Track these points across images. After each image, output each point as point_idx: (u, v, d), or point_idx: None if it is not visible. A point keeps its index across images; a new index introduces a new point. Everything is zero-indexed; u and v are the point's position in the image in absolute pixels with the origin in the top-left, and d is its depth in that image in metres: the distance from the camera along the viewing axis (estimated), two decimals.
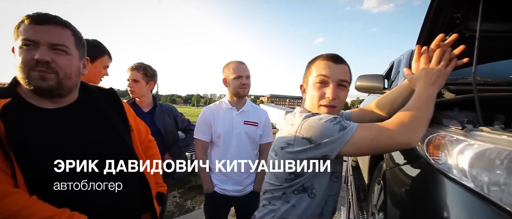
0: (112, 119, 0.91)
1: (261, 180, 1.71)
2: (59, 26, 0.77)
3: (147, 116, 1.78)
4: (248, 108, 1.69)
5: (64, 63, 0.77)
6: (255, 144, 1.70)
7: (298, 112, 0.89)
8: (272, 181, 0.91)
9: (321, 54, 0.95)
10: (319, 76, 0.89)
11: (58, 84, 0.77)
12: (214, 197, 1.66)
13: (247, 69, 1.64)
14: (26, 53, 0.72)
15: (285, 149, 0.85)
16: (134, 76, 1.73)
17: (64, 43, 0.77)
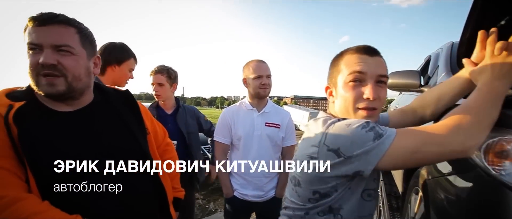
0: (127, 121, 0.89)
1: (283, 185, 1.62)
2: (62, 25, 0.73)
3: (170, 117, 1.78)
4: (269, 109, 1.60)
5: (70, 64, 0.73)
6: (277, 147, 1.60)
7: (322, 119, 0.75)
8: (293, 198, 0.79)
9: (349, 47, 0.79)
10: (353, 73, 0.73)
11: (68, 88, 0.74)
12: (233, 202, 1.60)
13: (268, 69, 1.55)
14: (32, 58, 0.70)
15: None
16: (158, 80, 1.72)
17: (68, 43, 0.73)
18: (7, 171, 0.66)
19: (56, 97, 0.75)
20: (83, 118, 0.80)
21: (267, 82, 1.53)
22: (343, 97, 0.75)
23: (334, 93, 0.80)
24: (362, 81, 0.73)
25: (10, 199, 0.63)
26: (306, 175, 0.73)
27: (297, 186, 0.77)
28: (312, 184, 0.72)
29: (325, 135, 0.68)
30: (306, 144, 0.75)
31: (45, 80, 0.71)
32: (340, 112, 0.78)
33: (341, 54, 0.79)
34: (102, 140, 0.81)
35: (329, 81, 0.83)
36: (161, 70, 1.73)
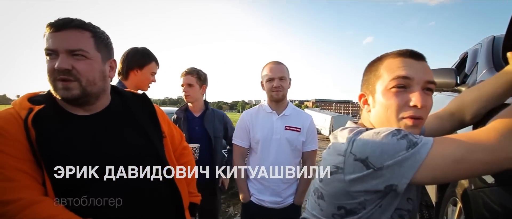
0: (144, 125, 0.88)
1: (302, 192, 1.55)
2: (76, 29, 0.73)
3: (198, 120, 1.77)
4: (289, 112, 1.53)
5: (85, 69, 0.74)
6: (297, 152, 1.53)
7: (349, 128, 0.68)
8: (315, 212, 0.72)
9: (389, 51, 0.71)
10: (397, 78, 0.64)
11: (82, 93, 0.75)
12: (250, 207, 1.54)
13: (282, 70, 1.48)
14: (49, 64, 0.72)
15: (334, 175, 0.65)
16: (188, 80, 1.73)
17: (82, 47, 0.73)
18: (24, 173, 0.67)
19: (71, 101, 0.76)
20: (99, 121, 0.81)
21: (279, 85, 1.46)
22: (384, 105, 0.66)
23: (370, 101, 0.71)
24: (407, 88, 0.64)
25: (25, 202, 0.63)
26: (330, 188, 0.65)
27: (320, 199, 0.69)
28: (337, 198, 0.65)
29: (352, 143, 0.61)
30: (331, 153, 0.68)
31: (61, 84, 0.72)
32: (379, 121, 0.68)
33: (379, 59, 0.71)
34: (118, 144, 0.81)
35: (364, 88, 0.74)
36: (191, 72, 1.75)
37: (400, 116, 0.63)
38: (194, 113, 1.79)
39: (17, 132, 0.68)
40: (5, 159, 0.65)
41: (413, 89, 0.63)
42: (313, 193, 0.75)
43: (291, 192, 1.54)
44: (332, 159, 0.66)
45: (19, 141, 0.68)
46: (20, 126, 0.69)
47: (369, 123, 0.72)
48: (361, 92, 0.75)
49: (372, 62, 0.73)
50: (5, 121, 0.69)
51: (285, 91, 1.48)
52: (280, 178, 1.48)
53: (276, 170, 1.46)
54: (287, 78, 1.49)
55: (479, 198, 0.80)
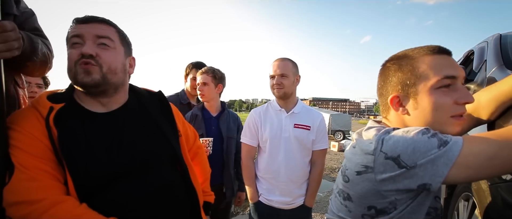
0: (160, 123, 0.88)
1: (313, 193, 1.54)
2: (103, 23, 0.77)
3: (214, 120, 1.75)
4: (299, 110, 1.53)
5: (108, 57, 0.76)
6: (306, 151, 1.52)
7: (375, 127, 0.67)
8: (342, 213, 0.71)
9: (418, 48, 0.68)
10: (447, 78, 0.61)
11: (103, 79, 0.75)
12: (258, 207, 1.53)
13: (284, 67, 1.46)
14: (73, 51, 0.73)
15: (363, 175, 0.63)
16: (203, 79, 1.73)
17: (109, 35, 0.77)
18: (47, 173, 0.66)
19: (91, 88, 0.75)
20: (118, 119, 0.81)
21: (279, 82, 1.45)
22: (433, 106, 0.63)
23: (408, 103, 0.67)
24: (453, 87, 0.63)
25: (49, 202, 0.63)
26: (359, 188, 0.65)
27: (347, 200, 0.69)
28: (366, 198, 0.64)
29: (381, 141, 0.60)
30: (357, 153, 0.67)
31: (82, 68, 0.72)
32: (425, 122, 0.64)
33: (410, 57, 0.67)
34: (136, 142, 0.80)
35: (395, 90, 0.68)
36: (207, 71, 1.74)
37: (450, 115, 0.62)
38: (211, 112, 1.77)
39: (39, 131, 0.68)
40: (28, 159, 0.65)
41: (457, 87, 0.62)
42: (337, 194, 0.74)
43: (301, 192, 1.52)
44: (359, 158, 0.65)
45: (41, 140, 0.67)
46: (42, 125, 0.68)
47: (397, 124, 0.70)
48: (394, 95, 0.69)
49: (399, 61, 0.69)
50: (25, 120, 0.69)
51: (288, 88, 1.46)
52: (290, 177, 1.48)
53: (285, 169, 1.47)
54: (291, 75, 1.46)
55: (497, 194, 0.80)
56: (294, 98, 1.54)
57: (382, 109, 0.75)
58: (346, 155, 0.74)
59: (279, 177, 1.48)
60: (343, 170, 0.72)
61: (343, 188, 0.70)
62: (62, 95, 0.77)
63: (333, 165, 6.71)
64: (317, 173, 1.53)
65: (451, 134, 0.61)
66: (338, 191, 0.74)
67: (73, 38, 0.73)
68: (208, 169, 1.10)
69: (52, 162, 0.68)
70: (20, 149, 0.65)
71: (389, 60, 0.72)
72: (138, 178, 0.77)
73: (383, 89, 0.73)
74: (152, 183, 0.79)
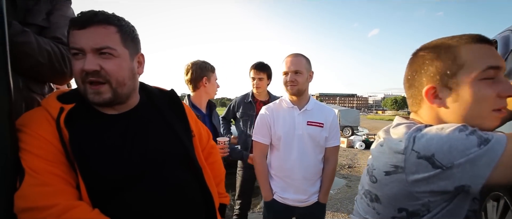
0: (173, 124, 0.85)
1: (327, 189, 1.51)
2: (101, 25, 0.68)
3: (207, 117, 1.74)
4: (311, 107, 1.48)
5: (113, 69, 0.70)
6: (319, 148, 1.48)
7: (404, 124, 0.62)
8: (370, 216, 0.67)
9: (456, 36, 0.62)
10: (492, 68, 0.56)
11: (113, 95, 0.72)
12: (273, 205, 1.51)
13: (297, 63, 1.41)
14: (76, 65, 0.69)
15: (392, 175, 0.59)
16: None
17: (108, 44, 0.68)
18: (58, 177, 0.64)
19: (102, 105, 0.73)
20: (130, 120, 0.78)
21: (293, 79, 1.40)
22: (476, 98, 0.57)
23: (446, 95, 0.61)
24: (496, 78, 0.58)
25: (62, 208, 0.60)
26: (388, 189, 0.60)
27: (375, 202, 0.65)
28: (396, 200, 0.60)
29: (413, 139, 0.55)
30: (385, 151, 0.62)
31: (91, 89, 0.69)
32: (464, 115, 0.59)
33: (450, 46, 0.61)
34: (149, 144, 0.77)
35: (435, 80, 0.62)
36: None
37: (492, 108, 0.57)
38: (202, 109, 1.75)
39: (49, 133, 0.65)
40: (39, 163, 0.62)
41: (500, 79, 0.57)
42: (363, 195, 0.70)
43: (315, 189, 1.50)
44: (387, 157, 0.60)
45: (51, 142, 0.64)
46: (52, 127, 0.66)
47: (429, 119, 0.65)
48: (430, 86, 0.62)
49: (436, 49, 0.63)
50: (36, 122, 0.66)
51: (301, 85, 1.42)
52: (304, 175, 1.45)
53: (299, 167, 1.43)
54: (305, 72, 1.42)
55: None
56: (306, 95, 1.50)
57: (412, 103, 0.68)
58: (372, 153, 0.69)
59: (293, 175, 1.45)
60: (370, 169, 0.67)
61: (370, 189, 0.66)
62: (72, 95, 0.74)
63: (342, 161, 6.64)
64: (331, 169, 1.50)
65: (489, 128, 0.57)
66: (364, 192, 0.70)
67: (73, 51, 0.68)
68: (222, 170, 1.07)
69: (63, 165, 0.65)
70: (31, 153, 0.63)
71: (423, 49, 0.66)
72: (151, 180, 0.74)
73: (414, 80, 0.66)
74: (166, 185, 0.76)
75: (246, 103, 2.22)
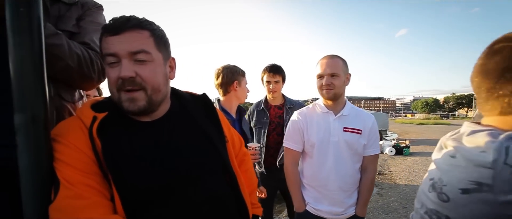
0: (207, 129, 0.80)
1: (365, 202, 1.38)
2: (134, 30, 0.66)
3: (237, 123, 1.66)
4: (348, 112, 1.38)
5: (149, 75, 0.67)
6: (357, 156, 1.37)
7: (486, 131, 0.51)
8: None
9: None
10: None
11: (148, 103, 0.69)
12: (305, 217, 1.41)
13: (334, 66, 1.31)
14: (111, 72, 0.66)
15: (473, 194, 0.49)
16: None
17: (144, 48, 0.66)
18: (93, 189, 0.61)
19: (137, 114, 0.70)
20: (163, 128, 0.74)
21: (330, 83, 1.30)
22: None
23: None
24: None
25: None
26: (467, 211, 0.50)
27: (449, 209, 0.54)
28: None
29: (505, 150, 0.45)
30: (461, 165, 0.52)
31: (126, 96, 0.66)
32: None
33: None
34: (184, 152, 0.74)
35: None
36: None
37: None
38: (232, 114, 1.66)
39: (82, 143, 0.63)
40: (73, 174, 0.59)
41: None
42: (425, 214, 0.59)
43: (352, 201, 1.38)
44: (465, 172, 0.50)
45: (85, 153, 0.62)
46: (85, 136, 0.63)
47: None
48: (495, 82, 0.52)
49: None
50: (70, 132, 0.64)
51: (338, 89, 1.32)
52: (340, 186, 1.34)
53: (335, 176, 1.33)
54: (342, 75, 1.32)
55: None
56: (343, 99, 1.40)
57: (492, 106, 0.55)
58: (438, 165, 0.59)
59: (328, 185, 1.35)
60: (437, 185, 0.56)
61: (438, 209, 0.55)
62: (106, 104, 0.72)
63: None
64: (369, 180, 1.38)
65: None
66: (426, 211, 0.59)
67: (108, 57, 0.66)
68: (255, 179, 1.00)
69: (97, 176, 0.63)
70: (65, 163, 0.60)
71: (504, 40, 0.54)
72: (187, 190, 0.70)
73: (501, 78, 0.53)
74: (202, 195, 0.72)
75: (259, 111, 2.04)
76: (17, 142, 0.56)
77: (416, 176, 5.64)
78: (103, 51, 0.66)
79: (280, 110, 2.01)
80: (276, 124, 1.97)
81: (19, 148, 0.57)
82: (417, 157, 7.87)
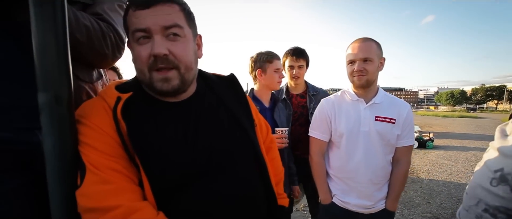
0: (235, 112, 0.75)
1: (396, 195, 1.30)
2: (165, 3, 0.62)
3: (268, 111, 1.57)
4: (381, 100, 1.27)
5: (182, 52, 0.64)
6: (389, 147, 1.27)
7: None
8: None
9: None
10: None
11: (182, 82, 0.65)
12: (332, 209, 1.35)
13: (367, 50, 1.20)
14: (141, 50, 0.61)
15: None
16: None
17: (177, 22, 0.62)
18: (119, 174, 0.58)
19: (169, 94, 0.66)
20: (190, 109, 0.70)
21: (362, 68, 1.20)
22: None
23: None
24: None
25: (125, 209, 0.54)
26: None
27: None
28: None
29: None
30: None
31: (159, 75, 0.62)
32: None
33: None
34: (214, 135, 0.69)
35: None
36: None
37: None
38: (264, 103, 1.57)
39: (107, 125, 0.59)
40: (99, 158, 0.56)
41: None
42: (484, 213, 0.51)
43: (383, 195, 1.30)
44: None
45: (110, 135, 0.59)
46: (109, 118, 0.60)
47: None
48: None
49: None
50: (94, 113, 0.60)
51: (371, 75, 1.22)
52: (370, 178, 1.26)
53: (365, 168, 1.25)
54: (376, 59, 1.21)
55: None
56: (375, 86, 1.29)
57: None
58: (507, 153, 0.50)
59: (357, 178, 1.27)
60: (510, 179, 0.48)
61: (510, 206, 0.47)
62: (129, 85, 0.68)
63: None
64: (402, 173, 1.29)
65: None
66: (486, 208, 0.52)
67: (138, 33, 0.61)
68: (281, 168, 0.95)
69: (124, 160, 0.59)
70: (90, 146, 0.57)
71: None
72: (216, 176, 0.66)
73: None
74: (233, 183, 0.68)
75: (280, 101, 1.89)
76: (41, 123, 0.54)
77: (441, 170, 5.39)
78: (132, 26, 0.62)
79: (303, 98, 1.83)
80: (299, 114, 1.79)
81: (44, 130, 0.54)
82: (442, 150, 7.52)
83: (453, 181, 4.63)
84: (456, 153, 7.14)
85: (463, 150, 7.58)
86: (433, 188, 4.30)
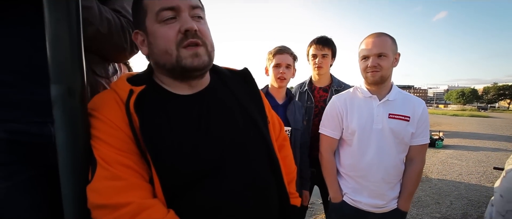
0: (247, 107, 0.73)
1: (409, 195, 1.27)
2: None
3: (281, 108, 1.46)
4: (395, 96, 1.24)
5: (206, 32, 0.65)
6: (403, 145, 1.24)
7: None
8: None
9: None
10: None
11: (209, 60, 0.65)
12: (342, 209, 1.33)
13: (381, 45, 1.16)
14: (168, 29, 0.61)
15: None
16: (288, 60, 1.41)
17: (199, 4, 0.65)
18: (130, 170, 0.56)
19: (198, 71, 0.65)
20: (203, 102, 0.68)
21: (376, 64, 1.16)
22: None
23: None
24: None
25: (135, 207, 0.53)
26: None
27: None
28: None
29: None
30: None
31: (189, 50, 0.61)
32: None
33: None
34: (225, 128, 0.67)
35: None
36: (287, 50, 1.44)
37: None
38: (277, 99, 1.49)
39: (119, 118, 0.58)
40: (110, 153, 0.55)
41: None
42: None
43: (395, 194, 1.27)
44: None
45: (121, 129, 0.57)
46: (122, 111, 0.58)
47: None
48: None
49: None
50: (106, 106, 0.59)
51: (385, 71, 1.18)
52: (383, 177, 1.23)
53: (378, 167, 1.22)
54: (390, 55, 1.17)
55: None
56: (389, 82, 1.26)
57: None
58: None
59: (369, 176, 1.24)
60: None
61: None
62: (141, 78, 0.67)
63: None
64: (416, 172, 1.26)
65: None
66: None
67: (165, 12, 0.60)
68: (294, 167, 0.93)
69: (135, 155, 0.58)
70: (102, 140, 0.56)
71: None
72: (228, 173, 0.64)
73: None
74: (246, 181, 0.66)
75: (301, 93, 1.74)
76: (54, 116, 0.53)
77: (450, 170, 5.28)
78: (156, 7, 0.61)
79: (326, 92, 1.69)
80: (320, 108, 1.64)
81: (56, 123, 0.53)
82: (452, 150, 7.37)
83: (463, 182, 4.54)
84: (466, 152, 6.99)
85: (473, 149, 7.42)
86: (443, 188, 4.22)
